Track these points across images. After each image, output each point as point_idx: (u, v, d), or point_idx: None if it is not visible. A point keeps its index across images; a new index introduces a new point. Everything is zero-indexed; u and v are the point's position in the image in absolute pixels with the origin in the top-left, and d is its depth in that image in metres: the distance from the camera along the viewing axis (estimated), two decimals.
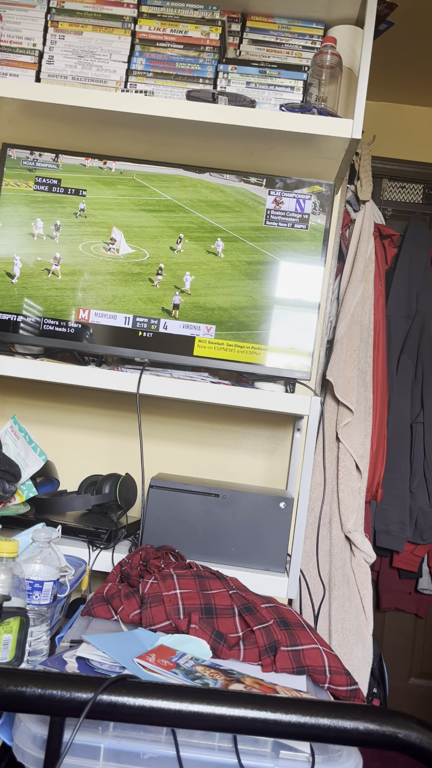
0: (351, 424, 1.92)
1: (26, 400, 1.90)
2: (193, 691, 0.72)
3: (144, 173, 1.60)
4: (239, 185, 1.59)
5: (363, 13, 1.58)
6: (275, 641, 1.07)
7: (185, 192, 1.59)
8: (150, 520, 1.48)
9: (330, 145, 1.54)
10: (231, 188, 1.58)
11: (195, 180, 1.59)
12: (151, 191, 1.59)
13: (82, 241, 1.60)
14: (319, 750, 0.82)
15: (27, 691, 0.71)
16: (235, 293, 1.58)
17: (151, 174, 1.61)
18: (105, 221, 1.61)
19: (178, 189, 1.59)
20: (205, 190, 1.58)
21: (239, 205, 1.57)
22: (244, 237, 1.58)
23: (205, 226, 1.57)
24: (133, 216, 1.60)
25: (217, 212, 1.58)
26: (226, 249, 1.58)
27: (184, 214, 1.58)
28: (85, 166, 1.62)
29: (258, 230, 1.58)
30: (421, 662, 2.67)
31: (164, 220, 1.58)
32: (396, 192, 2.68)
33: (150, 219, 1.58)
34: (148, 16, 1.62)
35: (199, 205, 1.57)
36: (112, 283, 1.59)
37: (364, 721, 0.70)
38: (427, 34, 2.24)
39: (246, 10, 1.67)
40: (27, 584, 1.07)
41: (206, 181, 1.58)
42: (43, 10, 1.62)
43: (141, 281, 1.57)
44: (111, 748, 0.80)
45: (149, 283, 1.57)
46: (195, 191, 1.58)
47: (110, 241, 1.55)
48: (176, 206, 1.57)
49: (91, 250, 1.59)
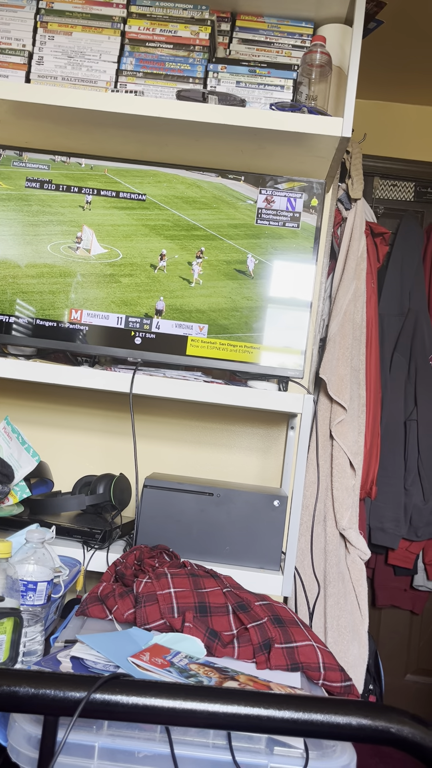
0: (344, 421, 1.92)
1: (19, 401, 1.89)
2: (187, 688, 0.72)
3: (117, 169, 1.59)
4: (228, 183, 1.59)
5: (352, 12, 1.58)
6: (269, 639, 1.08)
7: (161, 188, 1.57)
8: (144, 520, 1.48)
9: (320, 143, 1.54)
10: (209, 185, 1.57)
11: (184, 177, 1.59)
12: (124, 187, 1.56)
13: (50, 241, 1.58)
14: (313, 745, 0.83)
15: (20, 690, 0.71)
16: (227, 293, 1.58)
17: (124, 170, 1.59)
18: (75, 219, 1.58)
19: (152, 185, 1.58)
20: (182, 187, 1.57)
21: (218, 202, 1.57)
22: (236, 236, 1.58)
23: (192, 225, 1.57)
24: (105, 214, 1.57)
25: (198, 210, 1.58)
26: (220, 248, 1.58)
27: (161, 211, 1.58)
28: (55, 161, 1.62)
29: (249, 229, 1.58)
30: (417, 659, 2.68)
31: (138, 219, 1.56)
32: (387, 190, 2.68)
33: (124, 217, 1.56)
34: (137, 16, 1.62)
35: (175, 202, 1.56)
36: (94, 284, 1.59)
37: (357, 716, 0.70)
38: (416, 32, 2.24)
39: (235, 10, 1.68)
40: (21, 585, 1.07)
41: (193, 178, 1.58)
42: (32, 10, 1.62)
43: (113, 283, 1.55)
44: (105, 746, 0.80)
45: (126, 284, 1.55)
46: (170, 187, 1.57)
47: (77, 240, 1.52)
48: (153, 204, 1.55)
49: (60, 250, 1.57)
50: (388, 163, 2.62)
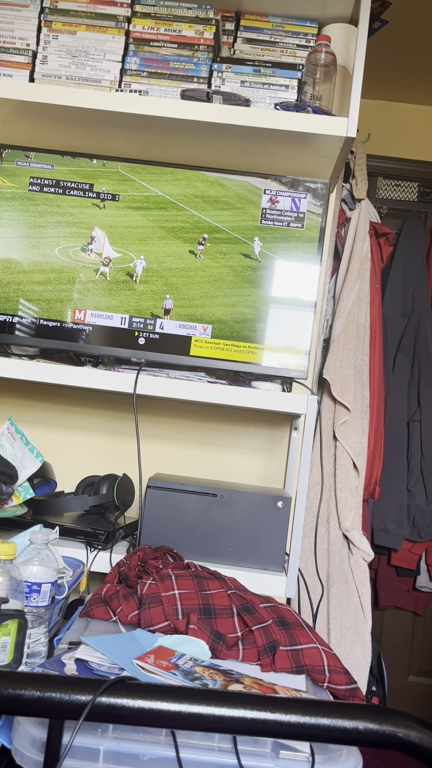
0: (348, 422, 1.92)
1: (23, 402, 1.89)
2: (193, 692, 0.72)
3: (131, 166, 1.58)
4: (241, 179, 1.58)
5: (357, 12, 1.57)
6: (274, 641, 1.07)
7: (180, 186, 1.56)
8: (148, 521, 1.48)
9: (325, 143, 1.54)
10: (232, 183, 1.56)
11: (205, 175, 1.55)
12: (138, 185, 1.53)
13: (58, 244, 1.55)
14: (319, 750, 0.82)
15: (26, 693, 0.70)
16: (231, 293, 1.57)
17: (139, 167, 1.57)
18: (85, 221, 1.56)
19: (170, 183, 1.55)
20: (203, 186, 1.55)
21: (240, 202, 1.55)
22: (241, 236, 1.58)
23: (202, 225, 1.56)
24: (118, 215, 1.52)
25: (215, 210, 1.58)
26: (222, 249, 1.58)
27: (179, 212, 1.57)
28: (63, 158, 1.61)
29: (254, 229, 1.58)
30: (419, 660, 2.67)
31: (155, 220, 1.53)
32: (391, 190, 2.68)
33: (139, 218, 1.54)
34: (141, 16, 1.61)
35: (195, 201, 1.55)
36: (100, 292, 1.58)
37: (363, 720, 0.70)
38: (421, 32, 2.24)
39: (240, 9, 1.67)
40: (25, 586, 1.07)
41: (215, 176, 1.54)
42: (36, 9, 1.62)
43: (128, 290, 1.51)
44: (110, 749, 0.80)
45: (133, 290, 1.53)
46: (190, 185, 1.55)
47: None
48: (171, 204, 1.54)
49: (69, 254, 1.53)
50: (392, 164, 2.62)
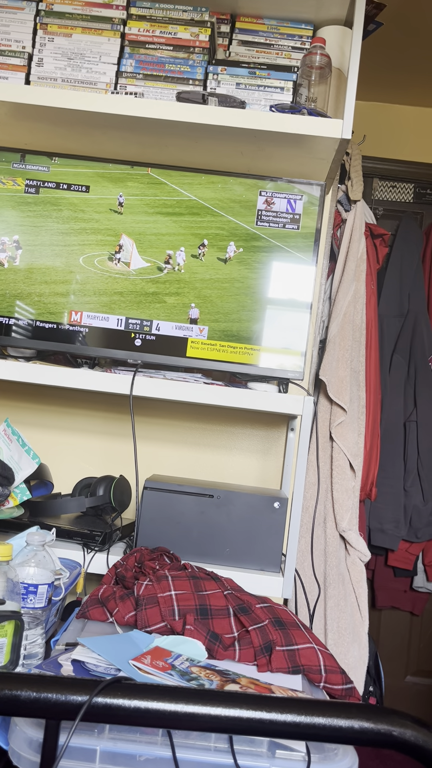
0: (344, 423, 1.92)
1: (19, 403, 1.89)
2: (189, 691, 0.72)
3: (161, 169, 1.52)
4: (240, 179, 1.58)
5: (352, 14, 1.58)
6: (270, 641, 1.08)
7: (215, 190, 1.52)
8: (144, 522, 1.48)
9: (320, 145, 1.54)
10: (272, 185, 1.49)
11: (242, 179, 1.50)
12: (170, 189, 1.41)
13: (83, 253, 1.45)
14: (315, 749, 0.82)
15: (22, 694, 0.71)
16: (229, 295, 1.58)
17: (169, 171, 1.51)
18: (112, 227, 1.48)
19: (204, 186, 1.46)
20: (240, 189, 1.49)
21: (233, 205, 1.55)
22: (237, 238, 1.58)
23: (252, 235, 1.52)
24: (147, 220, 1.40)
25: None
26: (222, 252, 1.58)
27: (214, 217, 1.49)
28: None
29: (249, 231, 1.58)
30: (417, 660, 2.68)
31: (186, 226, 1.42)
32: (387, 191, 2.68)
33: (170, 225, 1.42)
34: (137, 18, 1.62)
35: (231, 206, 1.50)
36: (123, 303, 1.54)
37: (359, 719, 0.70)
38: (416, 33, 2.25)
39: (235, 11, 1.68)
40: (21, 588, 1.07)
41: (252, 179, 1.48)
42: (32, 12, 1.62)
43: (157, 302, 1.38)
44: (107, 750, 0.80)
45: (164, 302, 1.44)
46: (226, 189, 1.50)
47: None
48: (205, 209, 1.44)
49: (94, 263, 1.42)
50: (388, 165, 2.62)
